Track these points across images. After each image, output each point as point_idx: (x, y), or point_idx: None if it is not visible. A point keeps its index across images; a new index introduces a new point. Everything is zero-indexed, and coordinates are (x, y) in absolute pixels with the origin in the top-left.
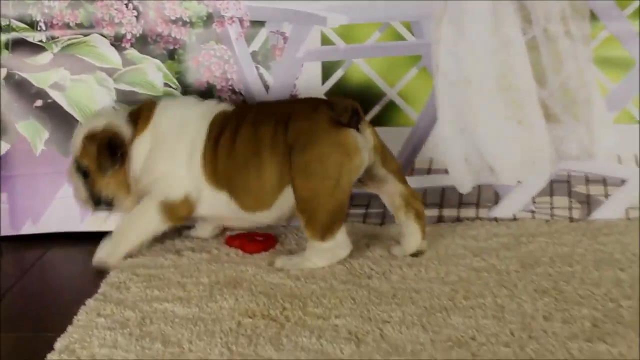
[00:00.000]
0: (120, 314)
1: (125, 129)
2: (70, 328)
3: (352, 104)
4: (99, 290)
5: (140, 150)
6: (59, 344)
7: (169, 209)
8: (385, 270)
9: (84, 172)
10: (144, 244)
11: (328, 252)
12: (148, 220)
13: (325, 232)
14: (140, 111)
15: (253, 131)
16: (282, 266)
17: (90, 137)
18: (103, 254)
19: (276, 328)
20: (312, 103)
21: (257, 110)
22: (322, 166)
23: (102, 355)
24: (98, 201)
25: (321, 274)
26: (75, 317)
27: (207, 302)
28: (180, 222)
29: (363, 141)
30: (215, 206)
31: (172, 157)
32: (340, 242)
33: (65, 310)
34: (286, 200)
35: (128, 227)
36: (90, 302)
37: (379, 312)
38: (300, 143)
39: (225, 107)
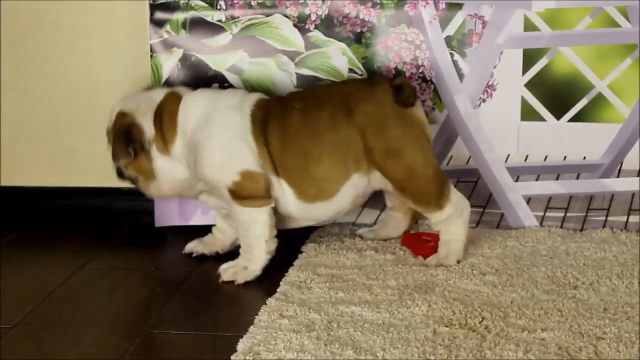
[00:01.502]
0: (305, 316)
1: (147, 124)
2: (252, 329)
3: (411, 84)
4: (279, 289)
5: (172, 163)
6: (241, 345)
7: (238, 192)
8: (593, 280)
9: None
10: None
11: (455, 217)
12: (247, 218)
13: (439, 198)
14: (163, 108)
15: (305, 117)
16: (437, 263)
17: (119, 116)
18: (231, 273)
19: (477, 339)
20: (367, 84)
21: (299, 98)
22: (405, 143)
23: (289, 359)
24: (121, 174)
25: (521, 282)
26: (256, 317)
27: (397, 308)
28: (265, 201)
29: (423, 113)
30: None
31: (213, 149)
32: (459, 201)
33: (244, 308)
34: (350, 190)
35: (247, 238)
36: (271, 301)
37: (591, 327)
38: (373, 128)
39: (257, 95)
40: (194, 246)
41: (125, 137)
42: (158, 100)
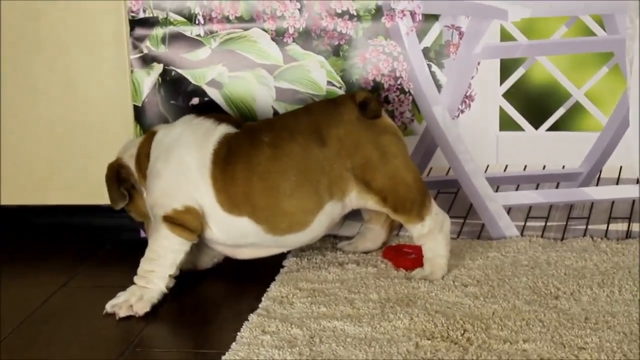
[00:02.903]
0: (287, 332)
1: (133, 165)
2: (234, 345)
3: (373, 97)
4: (261, 305)
5: None
6: None
7: (174, 220)
8: (574, 290)
9: None
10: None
11: (436, 232)
12: (168, 245)
13: (420, 207)
14: (141, 149)
15: (275, 151)
16: (421, 278)
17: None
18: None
19: (459, 352)
20: (332, 107)
21: (268, 129)
22: (381, 152)
23: None
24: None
25: (502, 293)
26: (238, 333)
27: (379, 321)
28: (193, 236)
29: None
30: (234, 232)
31: (161, 177)
32: (439, 213)
33: (226, 325)
34: (324, 218)
35: (154, 265)
36: (253, 317)
37: (573, 337)
38: (348, 150)
39: (225, 128)
40: None
41: (115, 179)
42: (139, 142)
